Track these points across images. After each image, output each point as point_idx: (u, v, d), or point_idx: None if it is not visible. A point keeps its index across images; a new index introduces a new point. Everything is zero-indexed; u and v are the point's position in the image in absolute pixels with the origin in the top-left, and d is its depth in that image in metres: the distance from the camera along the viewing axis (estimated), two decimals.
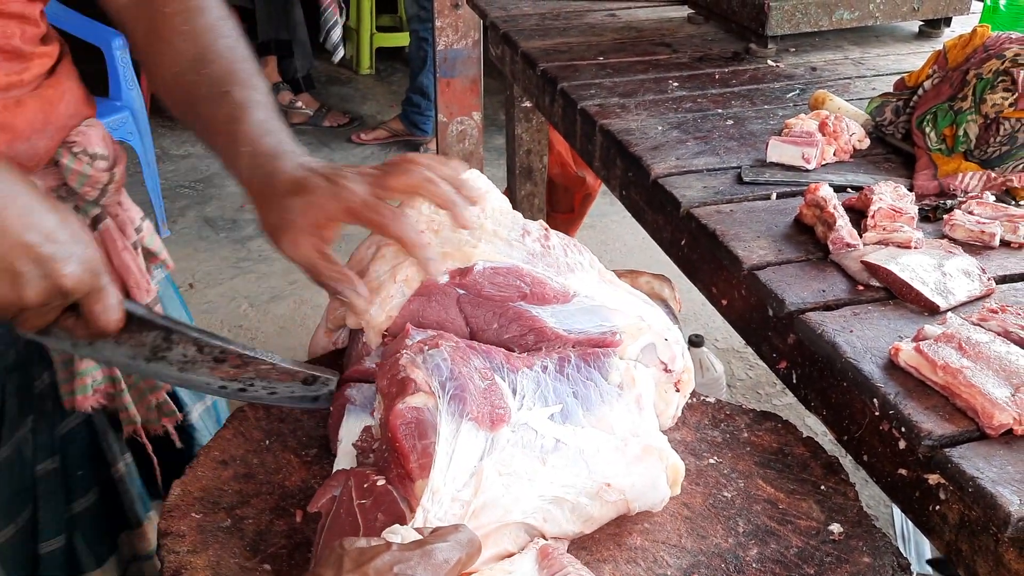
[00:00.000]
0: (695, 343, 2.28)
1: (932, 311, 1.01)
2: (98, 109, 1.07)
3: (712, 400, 1.02)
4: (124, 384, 1.09)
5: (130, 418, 1.10)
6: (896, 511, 1.97)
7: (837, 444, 1.01)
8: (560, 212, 2.92)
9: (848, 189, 1.29)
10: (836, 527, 0.84)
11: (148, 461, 1.14)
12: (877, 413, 0.90)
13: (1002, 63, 1.29)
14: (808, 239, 1.16)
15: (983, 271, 1.06)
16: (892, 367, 0.92)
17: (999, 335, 0.92)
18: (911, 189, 1.27)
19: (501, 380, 0.80)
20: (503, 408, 0.77)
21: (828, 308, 1.03)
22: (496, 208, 0.94)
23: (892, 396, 0.89)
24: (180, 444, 1.15)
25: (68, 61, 1.03)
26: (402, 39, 4.99)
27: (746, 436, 0.97)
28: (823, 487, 0.90)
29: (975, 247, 1.13)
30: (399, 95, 4.50)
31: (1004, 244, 1.14)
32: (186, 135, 4.49)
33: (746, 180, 1.32)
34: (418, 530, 0.66)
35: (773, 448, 0.95)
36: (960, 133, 1.31)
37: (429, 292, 0.88)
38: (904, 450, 0.89)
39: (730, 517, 0.86)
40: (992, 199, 1.22)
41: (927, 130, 1.35)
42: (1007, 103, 1.27)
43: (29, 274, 0.73)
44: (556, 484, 0.77)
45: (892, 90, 1.49)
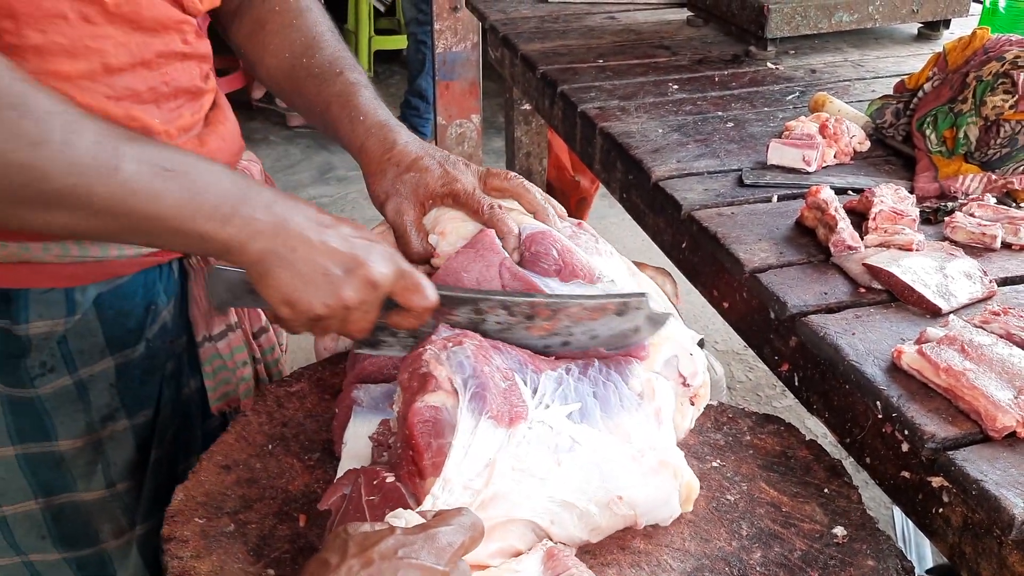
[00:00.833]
0: (709, 379, 2.28)
1: (934, 314, 1.01)
2: None
3: (715, 403, 1.02)
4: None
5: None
6: (896, 513, 1.97)
7: (838, 446, 1.01)
8: None
9: (849, 191, 1.29)
10: (840, 530, 0.84)
11: None
12: (880, 416, 0.90)
13: (1002, 65, 1.30)
14: (809, 241, 1.16)
15: (984, 273, 1.06)
16: (894, 370, 0.92)
17: (1001, 337, 0.92)
18: (912, 191, 1.27)
19: (521, 380, 0.80)
20: (521, 406, 0.77)
21: (830, 311, 1.03)
22: None
23: (895, 399, 0.89)
24: None
25: (221, 92, 1.06)
26: (400, 42, 4.99)
27: (749, 439, 0.97)
28: (826, 490, 0.90)
29: (976, 249, 1.13)
30: (397, 98, 4.50)
31: (1005, 246, 1.14)
32: None
33: (747, 183, 1.32)
34: (422, 514, 0.66)
35: (776, 451, 0.95)
36: (960, 135, 1.31)
37: (476, 246, 0.92)
38: (907, 453, 0.89)
39: (733, 520, 0.86)
40: (993, 201, 1.22)
41: (927, 132, 1.35)
42: (1007, 105, 1.27)
43: (341, 275, 0.78)
44: (568, 487, 0.77)
45: (892, 92, 1.50)
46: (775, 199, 1.28)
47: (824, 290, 1.06)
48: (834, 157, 1.39)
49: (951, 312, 1.00)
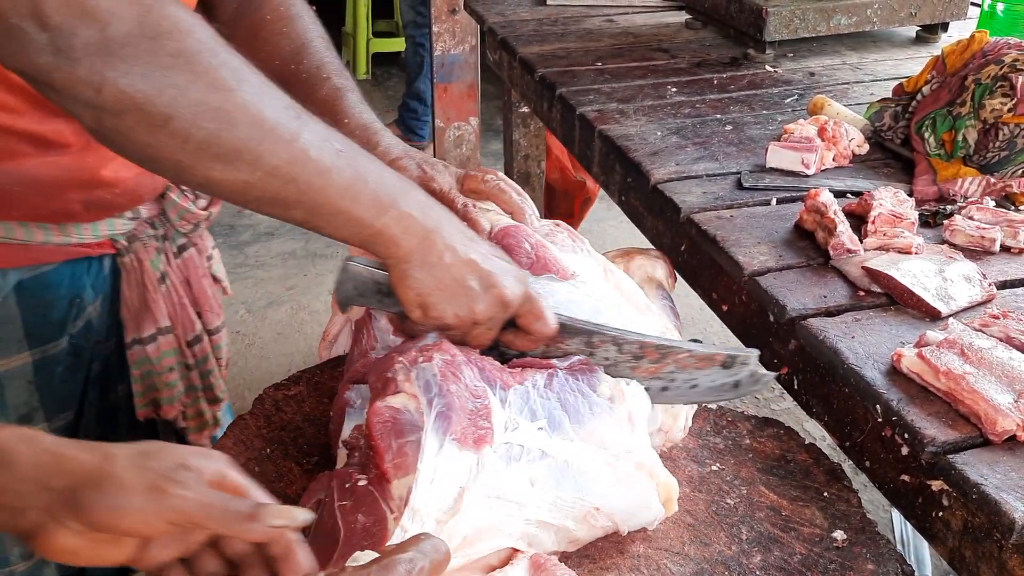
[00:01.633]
0: None
1: (933, 317, 1.01)
2: None
3: (714, 406, 1.02)
4: (200, 392, 1.15)
5: (202, 423, 1.15)
6: (895, 516, 1.97)
7: (838, 450, 1.01)
8: (559, 217, 2.91)
9: (848, 194, 1.29)
10: (839, 534, 0.84)
11: None
12: (880, 419, 0.90)
13: (1000, 68, 1.30)
14: (808, 245, 1.16)
15: (984, 276, 1.06)
16: (894, 373, 0.92)
17: (1001, 341, 0.92)
18: (911, 194, 1.27)
19: (492, 395, 0.78)
20: (487, 428, 0.75)
21: (829, 314, 1.03)
22: None
23: (895, 402, 0.88)
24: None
25: None
26: (398, 44, 4.99)
27: (748, 443, 0.97)
28: (826, 494, 0.89)
29: (975, 252, 1.13)
30: (395, 100, 4.50)
31: (1004, 249, 1.14)
32: None
33: (746, 185, 1.32)
34: (385, 550, 0.63)
35: (775, 455, 0.95)
36: (959, 138, 1.31)
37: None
38: (907, 456, 0.89)
39: (733, 524, 0.86)
40: (992, 204, 1.22)
41: (926, 135, 1.35)
42: (1006, 108, 1.27)
43: (477, 290, 0.80)
44: (543, 507, 0.76)
45: (891, 95, 1.50)
46: (774, 202, 1.28)
47: (823, 293, 1.06)
48: (833, 160, 1.39)
49: (950, 315, 1.00)
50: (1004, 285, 1.08)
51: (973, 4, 1.99)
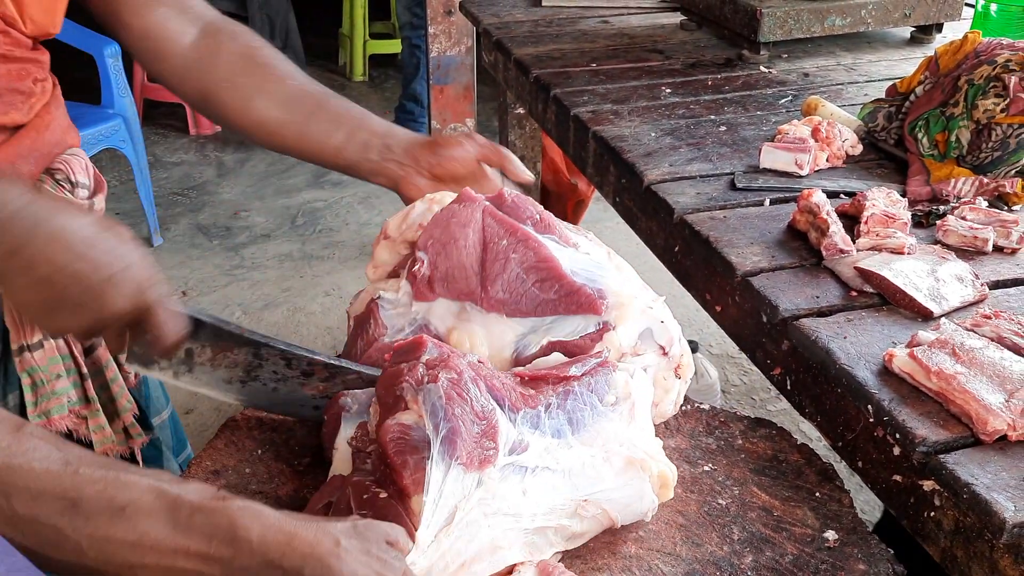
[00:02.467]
0: (689, 349, 2.28)
1: (925, 317, 1.01)
2: (90, 117, 1.09)
3: (706, 407, 1.02)
4: (98, 404, 1.08)
5: (105, 438, 1.08)
6: None
7: (832, 450, 1.01)
8: None
9: (841, 195, 1.29)
10: (831, 534, 0.84)
11: None
12: (871, 419, 0.90)
13: (993, 69, 1.30)
14: (801, 245, 1.16)
15: (976, 276, 1.06)
16: (886, 373, 0.92)
17: (992, 341, 0.92)
18: (904, 195, 1.27)
19: (500, 414, 0.78)
20: (492, 450, 0.75)
21: (822, 314, 1.03)
22: None
23: (886, 402, 0.88)
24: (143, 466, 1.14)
25: (58, 91, 1.05)
26: (395, 46, 4.99)
27: (740, 443, 0.97)
28: (818, 494, 0.89)
29: (968, 252, 1.13)
30: (392, 102, 4.50)
31: (997, 249, 1.14)
32: (179, 142, 4.49)
33: (739, 186, 1.32)
34: None
35: (768, 455, 0.95)
36: (952, 139, 1.31)
37: (461, 200, 0.96)
38: (899, 456, 0.89)
39: (725, 525, 0.86)
40: (985, 204, 1.22)
41: (919, 136, 1.36)
42: (999, 109, 1.27)
43: (81, 301, 0.76)
44: (539, 514, 0.77)
45: (884, 96, 1.50)
46: (767, 203, 1.28)
47: (816, 294, 1.06)
48: (826, 161, 1.39)
49: (942, 315, 1.00)
50: (996, 285, 1.08)
51: (967, 4, 1.99)
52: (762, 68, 1.84)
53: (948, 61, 1.38)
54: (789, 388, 1.08)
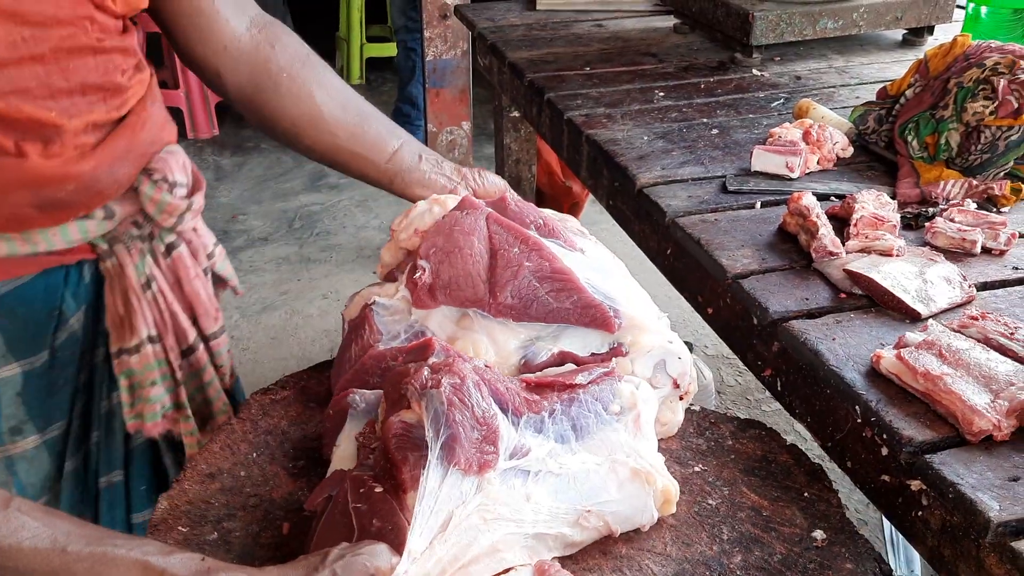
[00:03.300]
0: (696, 375, 2.29)
1: (913, 318, 1.02)
2: None
3: (697, 408, 1.03)
4: (189, 410, 1.10)
5: (193, 444, 1.11)
6: None
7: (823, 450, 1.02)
8: None
9: (831, 197, 1.30)
10: (819, 534, 0.85)
11: None
12: (859, 420, 0.91)
13: (982, 72, 1.31)
14: (792, 247, 1.17)
15: (964, 278, 1.07)
16: (874, 374, 0.93)
17: (979, 342, 0.93)
18: (894, 197, 1.28)
19: (503, 418, 0.78)
20: (492, 455, 0.76)
21: (811, 316, 1.04)
22: None
23: (874, 403, 0.89)
24: None
25: (155, 84, 1.02)
26: (392, 49, 4.99)
27: (731, 444, 0.98)
28: (806, 494, 0.90)
29: (956, 254, 1.14)
30: (389, 105, 4.50)
31: (985, 251, 1.15)
32: None
33: (731, 189, 1.33)
34: None
35: (757, 455, 0.96)
36: (942, 141, 1.32)
37: (463, 207, 0.97)
38: (886, 456, 0.89)
39: (715, 525, 0.86)
40: (973, 206, 1.23)
41: (909, 138, 1.37)
42: (988, 111, 1.29)
43: None
44: (540, 520, 0.77)
45: (875, 99, 1.51)
46: (758, 205, 1.29)
47: (805, 296, 1.07)
48: (817, 163, 1.40)
49: (930, 317, 1.01)
50: (984, 287, 1.09)
51: (959, 6, 2.00)
52: (754, 71, 1.85)
53: (937, 64, 1.39)
54: (779, 389, 1.09)
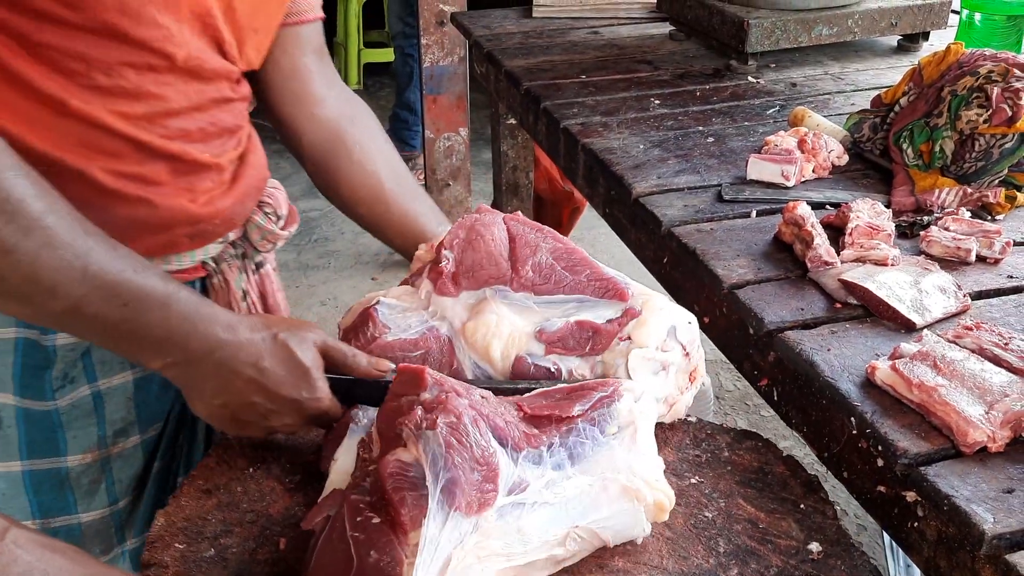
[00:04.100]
0: (703, 354, 2.28)
1: (908, 328, 1.02)
2: None
3: (693, 419, 1.03)
4: None
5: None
6: None
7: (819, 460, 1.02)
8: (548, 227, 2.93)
9: (827, 206, 1.30)
10: (815, 546, 0.85)
11: None
12: (855, 431, 0.91)
13: (976, 80, 1.31)
14: (787, 257, 1.18)
15: (959, 287, 1.07)
16: (869, 385, 0.93)
17: (974, 352, 0.93)
18: (889, 205, 1.28)
19: (502, 454, 0.77)
20: (492, 492, 0.75)
21: (806, 326, 1.04)
22: None
23: (869, 414, 0.90)
24: None
25: (253, 128, 1.12)
26: (390, 55, 5.00)
27: (727, 455, 0.98)
28: (803, 506, 0.90)
29: (951, 263, 1.15)
30: (387, 110, 4.51)
31: (980, 260, 1.15)
32: None
33: (726, 198, 1.34)
34: None
35: (754, 467, 0.96)
36: (936, 149, 1.32)
37: (481, 210, 1.02)
38: (882, 468, 0.90)
39: (711, 537, 0.87)
40: (968, 215, 1.24)
41: (904, 146, 1.37)
42: (982, 119, 1.29)
43: (252, 419, 0.90)
44: (530, 550, 0.77)
45: (869, 107, 1.51)
46: (754, 214, 1.30)
47: (801, 306, 1.08)
48: (813, 171, 1.40)
49: (925, 327, 1.02)
50: (979, 296, 1.09)
51: (953, 12, 2.01)
52: (750, 78, 1.86)
53: (931, 72, 1.40)
54: (776, 399, 1.09)
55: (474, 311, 0.96)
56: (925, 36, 2.01)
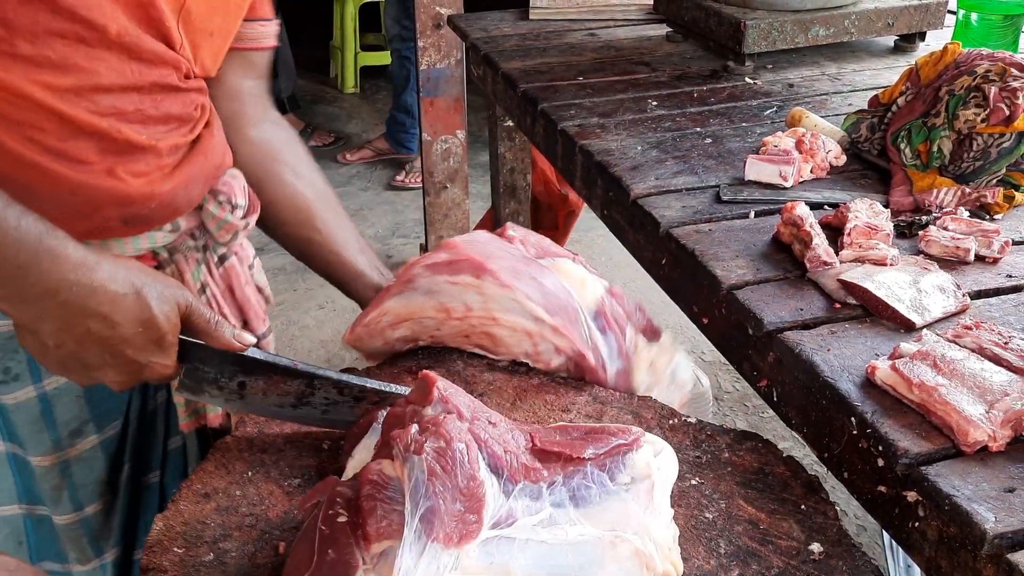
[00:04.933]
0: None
1: (908, 328, 1.02)
2: None
3: (693, 421, 1.03)
4: None
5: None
6: None
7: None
8: (545, 229, 2.93)
9: (825, 206, 1.30)
10: (816, 547, 0.85)
11: None
12: (855, 431, 0.91)
13: (973, 79, 1.31)
14: (786, 257, 1.17)
15: (958, 287, 1.07)
16: (869, 385, 0.93)
17: (973, 352, 0.93)
18: (887, 205, 1.28)
19: (492, 484, 0.74)
20: (475, 526, 0.72)
21: (806, 327, 1.04)
22: None
23: (869, 415, 0.89)
24: None
25: (214, 114, 1.11)
26: (386, 58, 5.00)
27: (727, 456, 0.98)
28: (803, 506, 0.90)
29: (950, 263, 1.14)
30: (384, 113, 4.51)
31: (979, 259, 1.15)
32: None
33: (724, 199, 1.34)
34: None
35: (754, 468, 0.96)
36: (934, 149, 1.32)
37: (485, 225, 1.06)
38: (882, 468, 0.90)
39: (712, 538, 0.86)
40: (966, 214, 1.24)
41: (902, 146, 1.37)
42: (979, 119, 1.29)
43: (81, 368, 0.86)
44: None
45: (867, 107, 1.51)
46: (752, 215, 1.30)
47: (800, 306, 1.07)
48: (811, 172, 1.40)
49: (925, 326, 1.01)
50: (978, 295, 1.09)
51: (950, 12, 2.01)
52: (747, 79, 1.86)
53: (929, 72, 1.40)
54: (775, 400, 1.09)
55: None
56: (922, 36, 2.01)
